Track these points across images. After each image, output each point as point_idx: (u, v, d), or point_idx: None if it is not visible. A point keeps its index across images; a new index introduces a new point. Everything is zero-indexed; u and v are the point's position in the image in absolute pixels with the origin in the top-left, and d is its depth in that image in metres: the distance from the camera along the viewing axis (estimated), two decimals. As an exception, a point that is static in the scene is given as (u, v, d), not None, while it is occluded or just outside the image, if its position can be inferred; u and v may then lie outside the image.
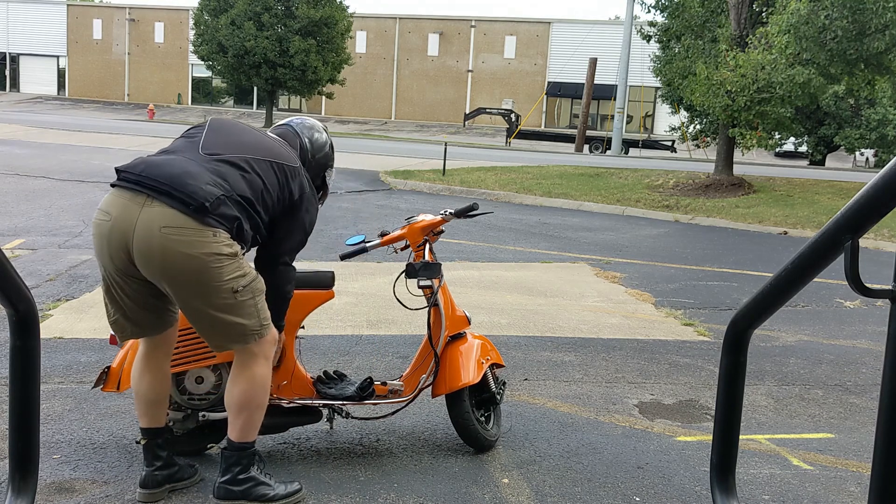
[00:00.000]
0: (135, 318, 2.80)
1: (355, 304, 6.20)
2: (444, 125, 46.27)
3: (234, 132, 2.94)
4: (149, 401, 2.89)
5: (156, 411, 2.92)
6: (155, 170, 2.63)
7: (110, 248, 2.63)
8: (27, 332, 1.74)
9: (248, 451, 2.85)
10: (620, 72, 31.05)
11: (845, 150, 33.17)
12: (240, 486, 2.83)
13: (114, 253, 2.63)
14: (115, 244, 2.61)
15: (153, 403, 2.90)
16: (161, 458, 2.93)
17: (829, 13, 12.72)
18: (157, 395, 2.91)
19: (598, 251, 9.56)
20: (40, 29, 52.83)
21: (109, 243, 2.62)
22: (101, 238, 2.65)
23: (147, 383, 2.88)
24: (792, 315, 6.61)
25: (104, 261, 2.69)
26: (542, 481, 3.29)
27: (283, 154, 2.95)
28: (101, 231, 2.65)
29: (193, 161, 2.71)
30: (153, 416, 2.92)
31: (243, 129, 3.01)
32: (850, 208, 1.52)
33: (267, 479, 2.89)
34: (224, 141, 2.85)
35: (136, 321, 2.81)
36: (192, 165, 2.68)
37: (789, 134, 20.50)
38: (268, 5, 34.13)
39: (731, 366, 2.00)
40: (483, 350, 3.55)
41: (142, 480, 2.92)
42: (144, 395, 2.89)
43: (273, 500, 2.85)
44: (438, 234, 3.61)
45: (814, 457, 3.74)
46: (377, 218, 11.20)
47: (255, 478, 2.86)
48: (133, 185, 2.62)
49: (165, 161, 2.69)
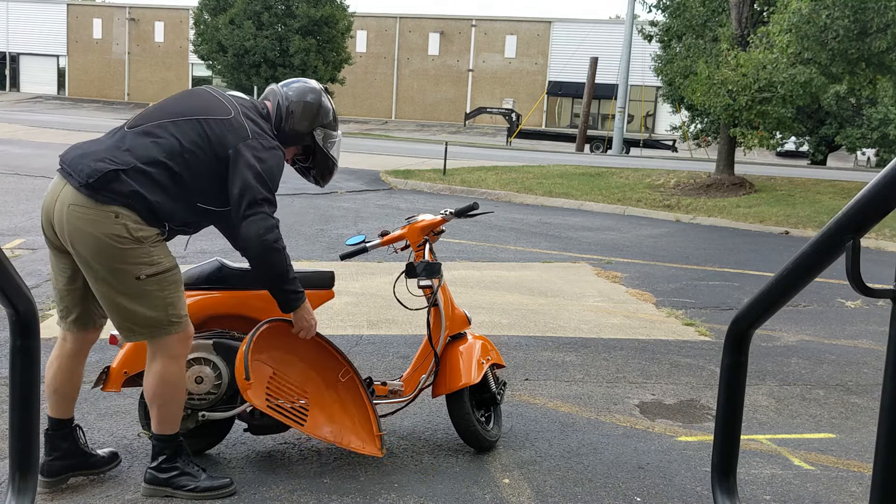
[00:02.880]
0: (66, 298, 2.93)
1: (355, 304, 6.19)
2: (445, 125, 46.26)
3: (178, 100, 2.98)
4: (60, 395, 2.98)
5: (61, 403, 3.00)
6: (70, 152, 2.83)
7: (43, 223, 2.86)
8: (27, 332, 1.73)
9: (170, 441, 2.94)
10: (621, 71, 31.02)
11: (846, 149, 33.14)
12: (165, 474, 2.94)
13: (45, 227, 2.85)
14: (45, 219, 2.83)
15: (63, 397, 2.99)
16: (60, 449, 2.99)
17: (831, 12, 12.70)
18: (67, 392, 2.99)
19: (599, 251, 9.56)
20: (40, 28, 52.80)
21: (44, 218, 2.85)
22: (41, 214, 2.89)
23: (59, 381, 2.97)
24: (793, 315, 6.60)
25: (45, 234, 2.89)
26: (542, 481, 3.29)
27: (213, 109, 2.90)
28: (41, 207, 2.89)
29: (105, 140, 2.85)
30: (59, 408, 2.99)
31: (191, 95, 3.02)
32: (852, 208, 1.51)
33: (193, 471, 2.96)
34: (152, 112, 2.93)
35: (66, 302, 2.94)
36: (96, 144, 2.82)
37: (790, 133, 20.48)
38: (268, 4, 34.10)
39: (732, 366, 1.99)
40: (483, 350, 3.54)
41: (41, 468, 2.97)
42: (56, 391, 2.97)
43: (194, 492, 2.93)
44: (439, 233, 3.60)
45: (815, 457, 3.74)
46: (377, 218, 11.19)
47: (179, 467, 2.95)
48: (59, 167, 2.84)
49: (84, 143, 2.87)
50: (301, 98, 3.10)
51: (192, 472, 2.96)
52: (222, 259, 3.28)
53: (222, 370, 3.14)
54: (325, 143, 3.16)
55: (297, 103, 3.08)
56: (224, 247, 8.29)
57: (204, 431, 3.30)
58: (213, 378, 3.15)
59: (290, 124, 3.07)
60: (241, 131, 2.87)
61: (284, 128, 3.07)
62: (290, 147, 3.15)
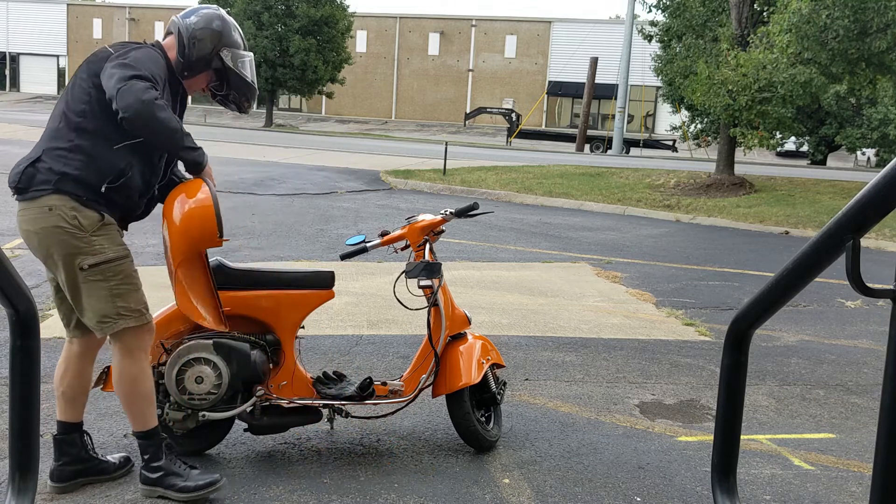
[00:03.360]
0: (61, 307, 2.97)
1: (355, 304, 6.19)
2: (445, 125, 46.26)
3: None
4: (67, 398, 2.98)
5: (68, 407, 2.99)
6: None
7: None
8: (27, 332, 1.74)
9: (150, 439, 2.93)
10: (621, 71, 31.02)
11: (846, 149, 33.13)
12: (154, 474, 2.93)
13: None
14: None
15: (70, 400, 2.98)
16: (69, 454, 2.98)
17: (831, 12, 12.70)
18: (75, 394, 3.00)
19: (599, 251, 9.56)
20: (40, 28, 52.82)
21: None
22: None
23: (67, 383, 2.97)
24: (793, 315, 6.60)
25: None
26: (542, 481, 3.29)
27: (89, 58, 2.89)
28: None
29: (37, 143, 2.87)
30: (67, 412, 3.00)
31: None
32: (852, 208, 1.52)
33: (179, 470, 2.94)
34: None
35: (62, 310, 2.97)
36: (28, 152, 2.86)
37: (790, 133, 20.48)
38: (268, 4, 34.10)
39: (732, 366, 1.99)
40: (483, 350, 3.54)
41: (50, 473, 2.98)
42: (63, 393, 2.97)
43: (184, 491, 2.91)
44: (439, 233, 3.60)
45: (815, 457, 3.74)
46: (378, 218, 11.19)
47: (164, 467, 2.93)
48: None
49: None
50: (201, 22, 3.04)
51: (178, 471, 2.94)
52: (222, 259, 3.28)
53: (222, 370, 3.14)
54: (236, 63, 3.09)
55: (199, 28, 3.02)
56: (224, 247, 8.29)
57: (204, 431, 3.30)
58: (214, 378, 3.14)
59: (195, 50, 3.00)
60: (107, 52, 2.85)
61: (191, 55, 3.00)
62: (201, 74, 3.06)
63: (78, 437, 3.02)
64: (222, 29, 3.04)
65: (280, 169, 16.93)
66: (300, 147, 23.10)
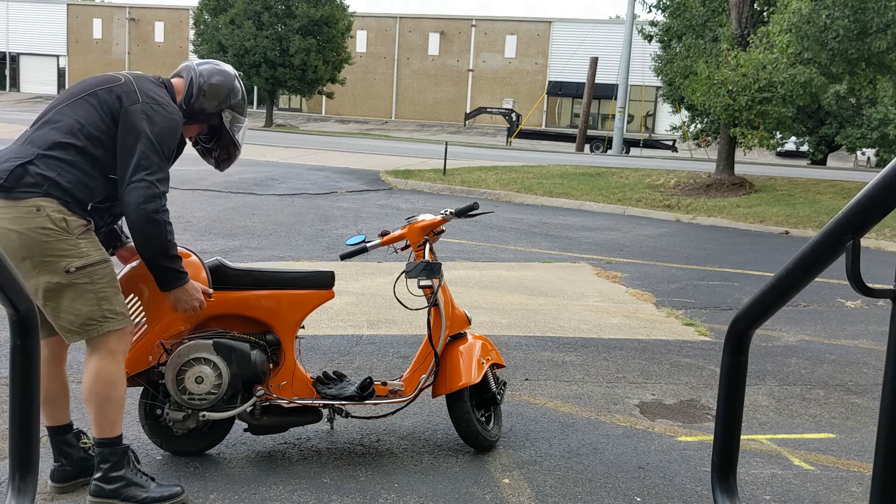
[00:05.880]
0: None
1: (355, 304, 6.19)
2: (445, 125, 46.25)
3: (73, 85, 2.97)
4: (49, 403, 2.93)
5: (52, 411, 2.96)
6: None
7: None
8: (27, 332, 1.73)
9: (113, 447, 2.84)
10: (621, 71, 31.01)
11: (846, 149, 33.13)
12: (111, 485, 2.82)
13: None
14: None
15: (48, 404, 2.93)
16: (67, 455, 2.97)
17: (831, 12, 12.70)
18: (54, 397, 2.95)
19: (599, 251, 9.56)
20: (40, 28, 52.81)
21: None
22: None
23: (45, 388, 2.89)
24: (793, 315, 6.60)
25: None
26: (542, 481, 3.29)
27: (104, 81, 2.88)
28: None
29: (12, 144, 2.83)
30: (52, 416, 2.97)
31: (86, 78, 3.01)
32: (852, 208, 1.51)
33: (141, 480, 2.86)
34: (50, 105, 2.91)
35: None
36: (4, 151, 2.79)
37: (790, 133, 20.50)
38: (268, 4, 34.08)
39: (732, 366, 1.99)
40: (483, 350, 3.54)
41: (51, 473, 2.97)
42: (44, 400, 2.90)
43: (144, 503, 2.82)
44: (439, 233, 3.60)
45: (815, 457, 3.74)
46: (378, 218, 11.19)
47: (126, 477, 2.84)
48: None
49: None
50: (213, 77, 3.06)
51: (139, 481, 2.85)
52: (222, 259, 3.28)
53: (222, 370, 3.14)
54: (232, 126, 3.12)
55: (210, 82, 3.04)
56: (224, 247, 8.25)
57: (204, 431, 3.30)
58: (214, 378, 3.14)
59: (200, 102, 3.03)
60: (132, 95, 2.83)
61: (194, 104, 3.02)
62: (196, 124, 3.08)
63: (72, 437, 3.00)
64: (231, 91, 3.09)
65: (280, 169, 16.93)
66: (300, 147, 23.10)
